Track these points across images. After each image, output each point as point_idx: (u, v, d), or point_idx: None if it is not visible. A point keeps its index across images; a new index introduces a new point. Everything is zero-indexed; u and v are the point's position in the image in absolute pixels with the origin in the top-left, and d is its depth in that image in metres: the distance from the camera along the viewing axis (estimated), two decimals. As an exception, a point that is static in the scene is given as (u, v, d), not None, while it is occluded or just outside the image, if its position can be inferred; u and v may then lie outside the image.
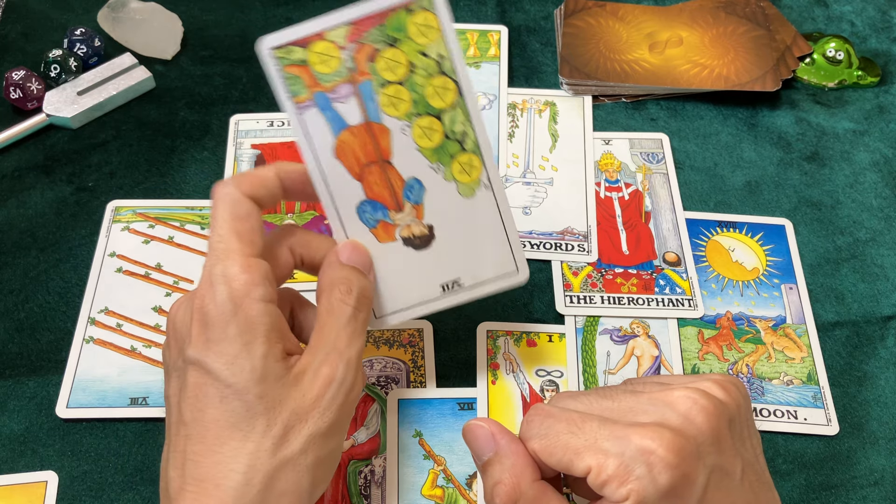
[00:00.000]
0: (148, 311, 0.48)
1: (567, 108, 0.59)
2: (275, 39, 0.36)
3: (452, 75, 0.37)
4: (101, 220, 0.52)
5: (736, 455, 0.34)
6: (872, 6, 0.67)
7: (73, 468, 0.43)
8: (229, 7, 0.65)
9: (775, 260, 0.52)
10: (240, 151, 0.55)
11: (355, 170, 0.38)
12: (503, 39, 0.62)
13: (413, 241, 0.39)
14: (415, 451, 0.44)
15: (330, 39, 0.36)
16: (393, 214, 0.39)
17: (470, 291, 0.41)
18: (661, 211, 0.54)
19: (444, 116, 0.38)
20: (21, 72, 0.56)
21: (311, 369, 0.35)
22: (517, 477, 0.34)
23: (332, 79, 0.36)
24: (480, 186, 0.39)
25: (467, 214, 0.39)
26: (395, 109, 0.37)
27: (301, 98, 0.37)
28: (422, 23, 0.36)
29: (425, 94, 0.37)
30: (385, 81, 0.37)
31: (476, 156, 0.39)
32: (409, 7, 0.36)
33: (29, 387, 0.46)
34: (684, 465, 0.31)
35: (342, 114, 0.37)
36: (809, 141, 0.59)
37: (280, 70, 0.36)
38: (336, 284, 0.37)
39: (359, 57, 0.36)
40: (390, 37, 0.36)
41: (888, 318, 0.50)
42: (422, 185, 0.39)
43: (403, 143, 0.38)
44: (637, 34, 0.62)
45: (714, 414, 0.33)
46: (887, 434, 0.46)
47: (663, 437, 0.32)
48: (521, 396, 0.46)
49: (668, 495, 0.31)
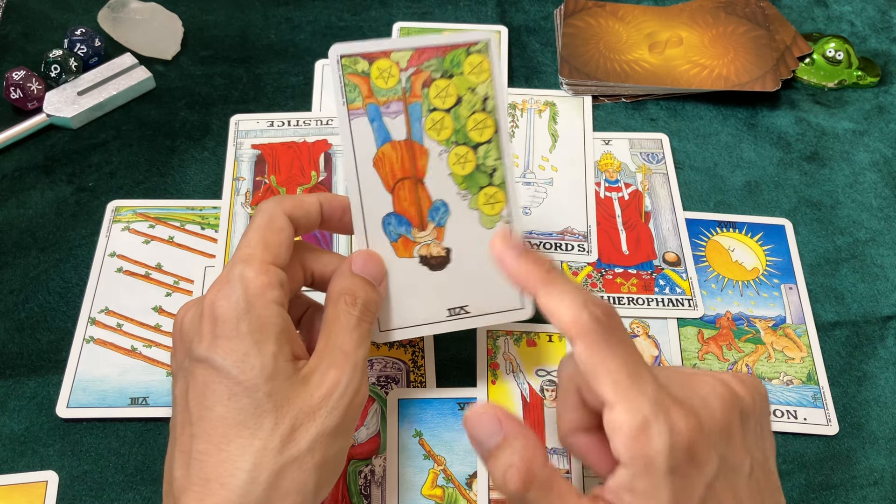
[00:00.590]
0: (148, 311, 0.48)
1: (567, 108, 0.59)
2: (345, 48, 0.39)
3: (493, 114, 0.40)
4: (102, 220, 0.52)
5: (745, 451, 0.34)
6: (872, 6, 0.67)
7: (73, 468, 0.43)
8: (229, 7, 0.65)
9: (775, 260, 0.52)
10: (240, 151, 0.55)
11: (389, 182, 0.40)
12: (503, 39, 0.62)
13: (429, 261, 0.41)
14: (415, 451, 0.44)
15: (394, 59, 0.39)
16: (415, 232, 0.41)
17: (474, 319, 0.42)
18: (660, 211, 0.54)
19: (479, 149, 0.40)
20: (21, 72, 0.56)
21: (319, 371, 0.35)
22: (529, 460, 0.33)
23: (386, 94, 0.39)
24: (501, 220, 0.41)
25: (484, 245, 0.41)
26: (437, 134, 0.40)
27: (355, 105, 0.39)
28: (476, 64, 0.40)
29: (466, 126, 0.40)
30: (433, 107, 0.40)
31: (502, 191, 0.41)
32: (470, 49, 0.40)
33: (29, 387, 0.46)
34: (698, 449, 0.32)
35: (389, 128, 0.40)
36: (809, 141, 0.59)
37: (342, 76, 0.39)
38: (343, 294, 0.38)
39: (415, 80, 0.40)
40: (447, 70, 0.40)
41: (888, 318, 0.50)
42: (447, 209, 0.41)
43: (438, 166, 0.40)
44: (637, 34, 0.63)
45: (728, 402, 0.33)
46: (887, 434, 0.46)
47: (688, 416, 0.32)
48: (521, 396, 0.46)
49: (677, 475, 0.32)
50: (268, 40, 0.63)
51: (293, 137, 0.56)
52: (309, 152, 0.55)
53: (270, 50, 0.62)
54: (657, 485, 0.31)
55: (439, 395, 0.46)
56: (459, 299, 0.41)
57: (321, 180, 0.54)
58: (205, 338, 0.34)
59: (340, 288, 0.38)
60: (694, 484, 0.32)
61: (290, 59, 0.61)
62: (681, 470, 0.31)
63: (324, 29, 0.63)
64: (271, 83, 0.60)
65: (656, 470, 0.31)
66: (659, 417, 0.32)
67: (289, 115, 0.57)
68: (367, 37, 0.63)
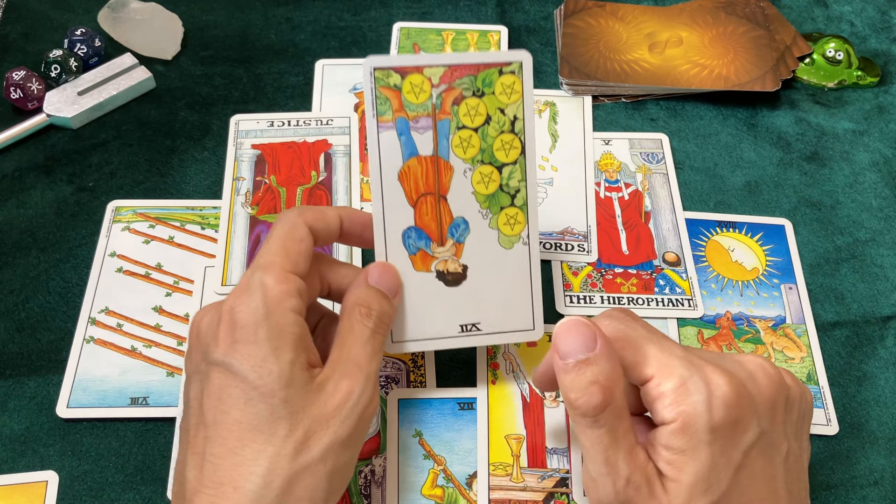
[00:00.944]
0: (148, 311, 0.48)
1: (567, 108, 0.59)
2: (379, 61, 0.39)
3: (521, 136, 0.41)
4: (102, 220, 0.52)
5: (785, 436, 0.35)
6: (872, 6, 0.67)
7: (73, 468, 0.43)
8: (229, 7, 0.65)
9: (775, 260, 0.52)
10: (240, 151, 0.55)
11: (412, 196, 0.40)
12: (503, 40, 0.62)
13: (445, 277, 0.41)
14: (415, 451, 0.44)
15: (426, 75, 0.39)
16: (434, 247, 0.41)
17: (486, 337, 0.42)
18: (660, 211, 0.54)
19: (504, 170, 0.41)
20: (21, 72, 0.56)
21: (333, 381, 0.36)
22: (614, 383, 0.34)
23: (416, 109, 0.40)
24: (520, 241, 0.42)
25: (501, 264, 0.42)
26: (463, 152, 0.40)
27: (385, 118, 0.39)
28: (508, 84, 0.40)
29: (493, 146, 0.40)
30: (462, 125, 0.40)
31: (523, 212, 0.41)
32: (503, 69, 0.40)
33: (29, 387, 0.46)
34: (740, 411, 0.33)
35: (416, 142, 0.40)
36: (809, 141, 0.59)
37: (374, 88, 0.39)
38: (358, 305, 0.38)
39: (446, 97, 0.40)
40: (478, 88, 0.40)
41: (888, 318, 0.50)
42: (467, 226, 0.41)
43: (462, 183, 0.41)
44: (637, 34, 0.63)
45: (776, 383, 0.35)
46: (887, 434, 0.46)
47: (731, 379, 0.33)
48: (521, 396, 0.46)
49: (716, 434, 0.32)
50: (268, 40, 0.63)
51: (293, 137, 0.56)
52: (309, 152, 0.55)
53: (270, 50, 0.62)
54: (698, 441, 0.32)
55: (439, 395, 0.46)
56: (472, 316, 0.42)
57: (321, 180, 0.54)
58: (222, 342, 0.35)
59: (356, 299, 0.38)
60: (733, 446, 0.33)
61: (290, 59, 0.61)
62: (720, 429, 0.32)
63: (324, 29, 0.63)
64: (271, 83, 0.60)
65: (696, 425, 0.32)
66: (695, 375, 0.33)
67: (289, 115, 0.57)
68: (366, 37, 0.63)
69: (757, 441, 0.33)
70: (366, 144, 0.43)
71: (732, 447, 0.33)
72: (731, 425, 0.32)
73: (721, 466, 0.32)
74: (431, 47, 0.62)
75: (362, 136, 0.56)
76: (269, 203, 0.53)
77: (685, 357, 0.34)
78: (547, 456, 0.44)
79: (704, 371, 0.33)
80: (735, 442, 0.33)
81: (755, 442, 0.33)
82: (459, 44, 0.62)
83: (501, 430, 0.45)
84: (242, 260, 0.50)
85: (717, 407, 0.32)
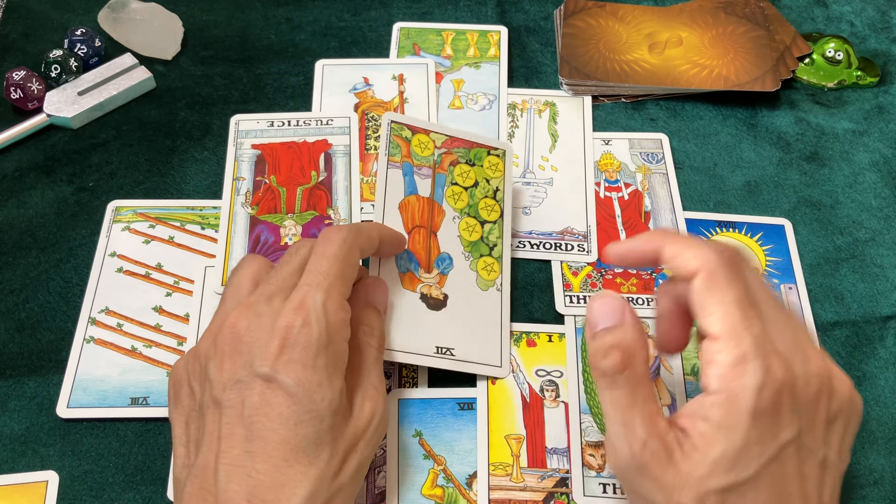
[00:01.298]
0: (148, 311, 0.48)
1: (567, 108, 0.59)
2: (396, 117, 0.49)
3: (501, 203, 0.49)
4: (102, 220, 0.52)
5: (824, 442, 0.34)
6: (872, 6, 0.67)
7: (73, 468, 0.43)
8: (229, 7, 0.65)
9: (775, 260, 0.52)
10: (240, 152, 0.55)
11: (408, 225, 0.47)
12: (503, 40, 0.62)
13: (428, 300, 0.45)
14: (415, 451, 0.44)
15: (432, 137, 0.49)
16: (421, 272, 0.46)
17: (457, 363, 0.45)
18: (660, 211, 0.54)
19: (485, 225, 0.49)
20: (21, 72, 0.56)
21: (357, 404, 0.38)
22: (635, 350, 0.35)
23: (421, 160, 0.48)
24: (494, 287, 0.47)
25: (477, 303, 0.47)
26: (454, 203, 0.48)
27: (394, 159, 0.48)
28: (494, 163, 0.50)
29: (478, 205, 0.49)
30: (455, 182, 0.49)
31: (498, 263, 0.48)
32: (490, 151, 0.50)
33: (29, 387, 0.46)
34: (784, 404, 0.32)
35: (417, 184, 0.48)
36: (809, 141, 0.59)
37: (389, 135, 0.48)
38: (361, 325, 0.40)
39: (445, 158, 0.49)
40: (470, 159, 0.50)
41: (888, 318, 0.50)
42: (451, 262, 0.47)
43: (450, 227, 0.48)
44: (637, 34, 0.63)
45: (826, 386, 0.34)
46: (886, 434, 0.46)
47: (786, 370, 0.33)
48: (520, 396, 0.46)
49: (757, 421, 0.32)
50: (268, 40, 0.63)
51: (293, 137, 0.56)
52: (309, 152, 0.55)
53: (270, 50, 0.62)
54: (736, 421, 0.32)
55: (439, 395, 0.46)
56: (448, 341, 0.45)
57: (321, 180, 0.54)
58: (272, 356, 0.35)
59: (359, 318, 0.40)
60: (770, 436, 0.32)
61: (291, 59, 0.61)
62: (762, 417, 0.32)
63: (324, 29, 0.63)
64: (271, 83, 0.60)
65: (740, 406, 0.32)
66: (758, 357, 0.32)
67: (289, 115, 0.57)
68: (366, 37, 0.63)
69: (793, 440, 0.33)
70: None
71: (770, 438, 0.32)
72: (773, 416, 0.32)
73: (754, 453, 0.32)
74: (431, 47, 0.62)
75: (362, 136, 0.56)
76: (269, 203, 0.53)
77: (759, 337, 0.33)
78: (547, 456, 0.44)
79: (769, 358, 0.32)
80: (774, 433, 0.32)
81: (791, 440, 0.33)
82: (459, 44, 0.62)
83: (501, 430, 0.45)
84: (242, 260, 0.50)
85: (767, 394, 0.32)
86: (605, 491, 0.43)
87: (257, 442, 0.34)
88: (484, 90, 0.59)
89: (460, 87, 0.59)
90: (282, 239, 0.51)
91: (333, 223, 0.52)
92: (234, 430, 0.35)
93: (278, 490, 0.34)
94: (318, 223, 0.52)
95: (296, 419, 0.34)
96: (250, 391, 0.35)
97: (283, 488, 0.34)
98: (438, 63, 0.61)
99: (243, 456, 0.34)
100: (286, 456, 0.34)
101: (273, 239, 0.51)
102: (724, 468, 0.32)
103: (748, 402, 0.32)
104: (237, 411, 0.35)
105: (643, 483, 0.34)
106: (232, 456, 0.34)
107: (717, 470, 0.32)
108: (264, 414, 0.34)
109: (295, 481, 0.34)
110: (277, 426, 0.34)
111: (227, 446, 0.35)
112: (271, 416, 0.34)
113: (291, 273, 0.39)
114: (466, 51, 0.61)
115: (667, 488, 0.33)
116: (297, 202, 0.53)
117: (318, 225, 0.52)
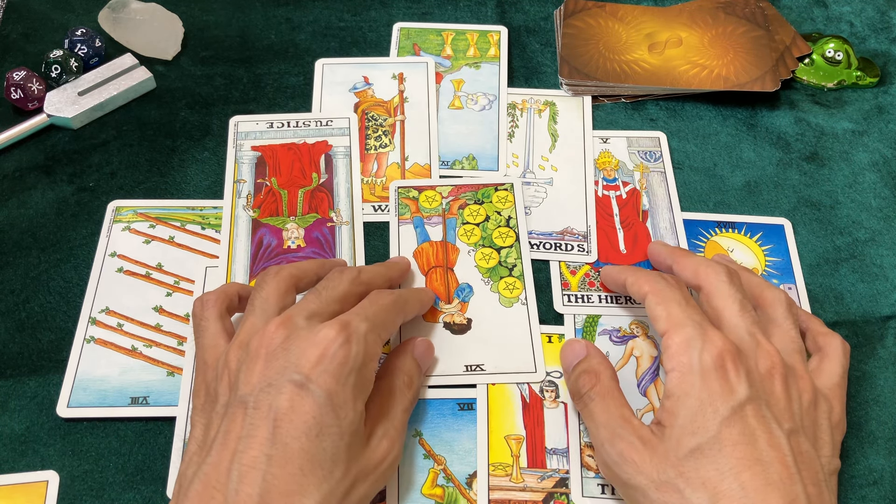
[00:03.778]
0: (149, 311, 0.48)
1: (567, 108, 0.59)
2: (402, 182, 0.53)
3: (515, 229, 0.51)
4: (102, 220, 0.52)
5: (790, 414, 0.38)
6: (872, 7, 0.67)
7: (73, 468, 0.43)
8: (229, 7, 0.65)
9: (774, 260, 0.52)
10: (240, 153, 0.55)
11: (424, 268, 0.50)
12: (503, 40, 0.62)
13: (452, 327, 0.48)
14: (415, 451, 0.44)
15: (438, 191, 0.53)
16: (442, 304, 0.48)
17: (489, 376, 0.46)
18: (658, 210, 0.54)
19: (502, 251, 0.50)
20: (22, 72, 0.56)
21: (376, 438, 0.39)
22: (600, 370, 0.41)
23: (430, 212, 0.52)
24: (518, 302, 0.49)
25: (503, 320, 0.48)
26: (467, 239, 0.51)
27: (404, 217, 0.52)
28: (503, 196, 0.53)
29: (492, 235, 0.51)
30: (466, 221, 0.52)
31: (520, 281, 0.49)
32: (497, 187, 0.53)
33: (30, 386, 0.46)
34: (728, 363, 0.37)
35: (429, 232, 0.51)
36: (808, 141, 0.59)
37: (397, 198, 0.52)
38: (401, 373, 0.43)
39: (453, 204, 0.52)
40: (479, 199, 0.53)
41: (887, 317, 0.51)
42: (471, 290, 0.49)
43: (467, 260, 0.50)
44: (637, 35, 0.63)
45: (777, 361, 0.39)
46: (886, 434, 0.46)
47: (726, 341, 0.38)
48: (520, 397, 0.46)
49: (705, 381, 0.37)
50: (268, 40, 0.63)
51: (293, 139, 0.56)
52: (309, 153, 0.55)
53: (270, 50, 0.62)
54: (689, 386, 0.37)
55: (439, 395, 0.46)
56: (477, 358, 0.46)
57: (322, 182, 0.54)
58: (308, 364, 0.36)
59: (401, 365, 0.43)
60: (721, 398, 0.36)
61: (291, 59, 0.61)
62: (709, 377, 0.37)
63: (324, 29, 0.64)
64: (271, 83, 0.60)
65: (688, 371, 0.37)
66: (699, 334, 0.38)
67: (288, 116, 0.57)
68: (366, 37, 0.63)
69: (747, 402, 0.36)
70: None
71: (721, 399, 0.36)
72: (719, 374, 0.37)
73: (708, 413, 0.36)
74: (431, 47, 0.62)
75: (362, 136, 0.56)
76: (270, 206, 0.53)
77: (700, 322, 0.39)
78: (546, 456, 0.44)
79: (708, 332, 0.38)
80: (724, 395, 0.36)
81: (745, 402, 0.36)
82: (459, 44, 0.62)
83: (501, 431, 0.45)
84: (245, 263, 0.50)
85: (709, 355, 0.37)
86: (604, 492, 0.43)
87: (278, 446, 0.34)
88: (484, 90, 0.59)
89: (460, 87, 0.60)
90: (284, 242, 0.51)
91: (336, 225, 0.52)
92: (256, 431, 0.35)
93: (289, 498, 0.34)
94: (320, 226, 0.52)
95: (318, 430, 0.35)
96: (280, 395, 0.35)
97: (292, 496, 0.34)
98: (438, 63, 0.61)
99: (261, 458, 0.34)
100: (302, 465, 0.34)
101: (276, 242, 0.51)
102: (689, 432, 0.36)
103: (695, 366, 0.37)
104: (263, 413, 0.35)
105: (629, 474, 0.37)
106: (249, 457, 0.34)
107: (683, 436, 0.36)
108: (290, 420, 0.35)
109: (306, 492, 0.34)
110: (300, 434, 0.35)
111: (245, 446, 0.35)
112: (296, 423, 0.35)
113: (332, 301, 0.41)
114: (466, 51, 0.61)
115: (651, 473, 0.36)
116: (299, 205, 0.53)
117: (321, 227, 0.52)
